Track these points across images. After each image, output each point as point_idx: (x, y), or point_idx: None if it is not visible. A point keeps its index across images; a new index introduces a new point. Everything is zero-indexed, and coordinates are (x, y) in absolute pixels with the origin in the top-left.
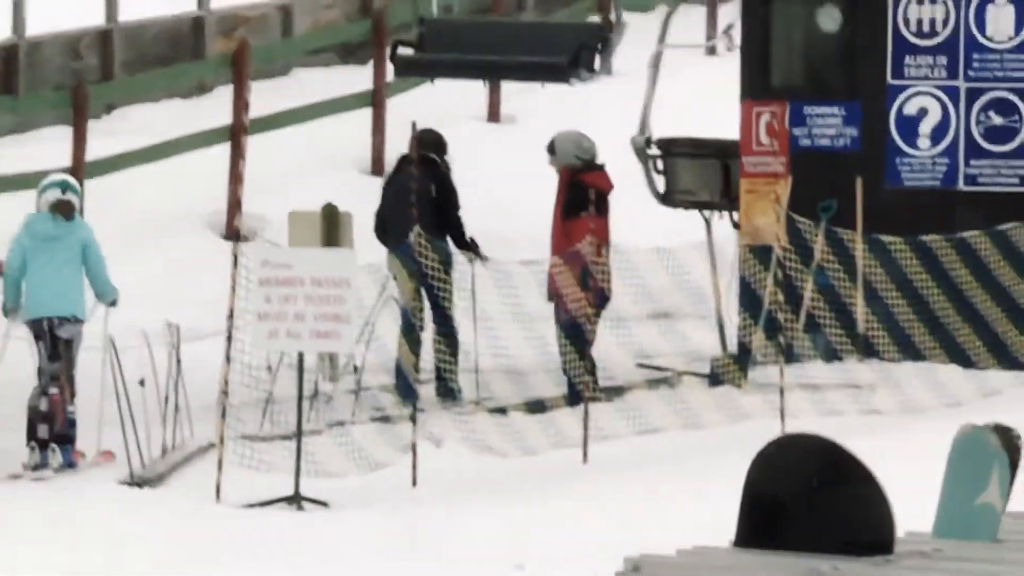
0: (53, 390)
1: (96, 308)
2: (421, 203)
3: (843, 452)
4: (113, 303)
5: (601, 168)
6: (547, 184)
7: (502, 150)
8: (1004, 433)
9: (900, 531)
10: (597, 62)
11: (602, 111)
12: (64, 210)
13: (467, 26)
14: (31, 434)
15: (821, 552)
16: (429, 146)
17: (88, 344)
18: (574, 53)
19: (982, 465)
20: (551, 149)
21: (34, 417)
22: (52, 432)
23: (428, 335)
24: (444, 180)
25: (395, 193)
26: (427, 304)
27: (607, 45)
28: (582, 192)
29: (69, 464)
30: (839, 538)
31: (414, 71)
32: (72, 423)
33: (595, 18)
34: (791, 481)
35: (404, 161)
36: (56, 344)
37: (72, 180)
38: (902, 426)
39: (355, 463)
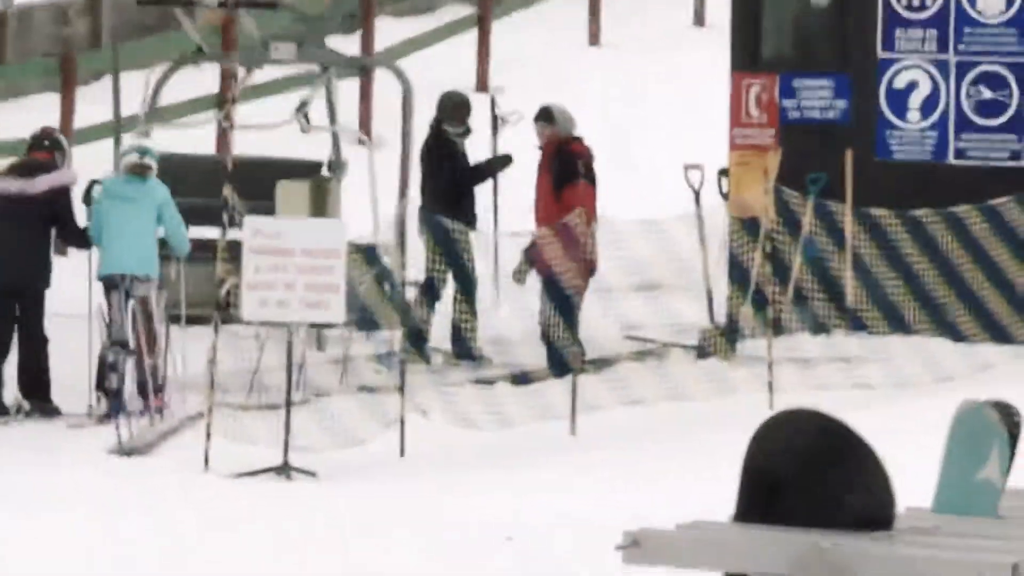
0: (132, 347)
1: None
2: (429, 173)
3: (844, 428)
4: (188, 257)
5: (581, 139)
6: (530, 156)
7: (489, 120)
8: (1004, 410)
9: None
10: None
11: (587, 81)
12: (141, 172)
13: None
14: (100, 384)
15: (822, 528)
16: (442, 111)
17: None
18: None
19: (982, 441)
20: (548, 118)
21: (103, 368)
22: (121, 383)
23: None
24: (444, 150)
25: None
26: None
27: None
28: (574, 161)
29: (158, 410)
30: (839, 514)
31: None
32: (152, 374)
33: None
34: (791, 457)
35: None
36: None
37: (151, 146)
38: (893, 400)
39: (340, 436)
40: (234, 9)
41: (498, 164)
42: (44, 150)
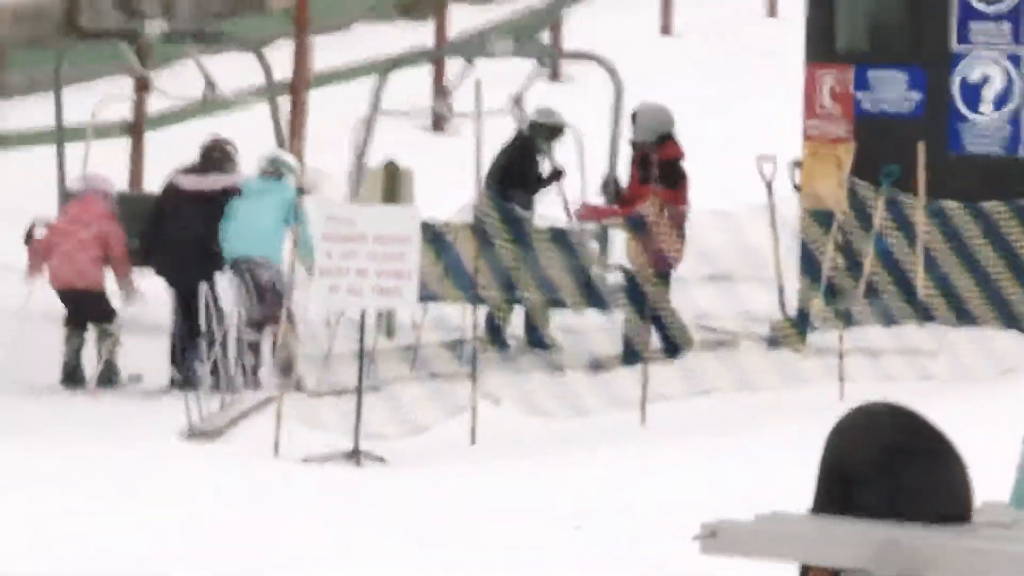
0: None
1: None
2: (505, 170)
3: (923, 422)
4: (308, 270)
5: (673, 139)
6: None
7: (562, 109)
8: None
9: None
10: None
11: (659, 71)
12: (273, 172)
13: None
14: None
15: (900, 521)
16: (535, 129)
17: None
18: None
19: None
20: (632, 120)
21: (241, 348)
22: (258, 361)
23: None
24: (527, 159)
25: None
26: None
27: None
28: (655, 164)
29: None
30: (918, 508)
31: None
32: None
33: None
34: (870, 450)
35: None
36: (258, 287)
37: (284, 156)
38: (958, 392)
39: (410, 423)
40: (180, 41)
41: (554, 178)
42: (213, 161)
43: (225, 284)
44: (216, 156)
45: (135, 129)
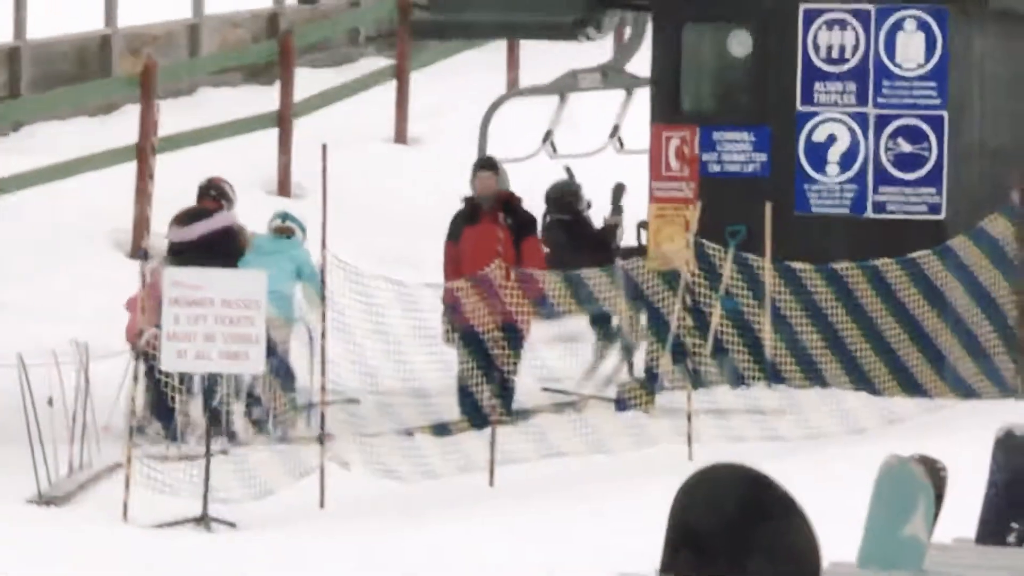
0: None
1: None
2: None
3: (769, 483)
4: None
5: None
6: (452, 205)
7: (409, 171)
8: (929, 465)
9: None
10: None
11: (505, 131)
12: (284, 232)
13: None
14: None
15: None
16: (553, 203)
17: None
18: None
19: (908, 497)
20: (494, 167)
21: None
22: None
23: None
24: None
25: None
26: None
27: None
28: (531, 216)
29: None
30: (765, 568)
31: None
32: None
33: None
34: (716, 512)
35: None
36: (271, 346)
37: (293, 214)
38: (806, 452)
39: (259, 487)
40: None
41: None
42: (210, 199)
43: None
44: (212, 194)
45: None
